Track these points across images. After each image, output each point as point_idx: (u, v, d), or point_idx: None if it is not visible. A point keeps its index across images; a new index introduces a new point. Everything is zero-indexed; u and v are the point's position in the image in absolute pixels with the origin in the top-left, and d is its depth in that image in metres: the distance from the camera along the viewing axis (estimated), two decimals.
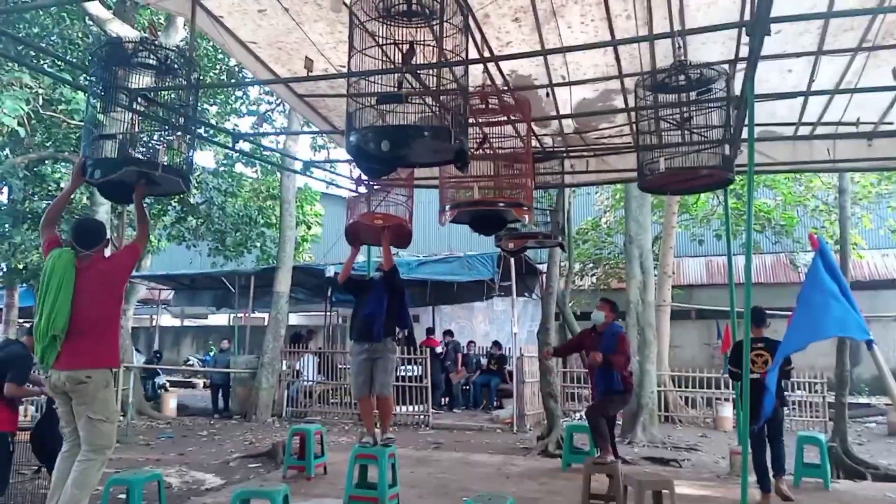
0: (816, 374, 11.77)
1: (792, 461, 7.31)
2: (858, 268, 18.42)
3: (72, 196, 4.90)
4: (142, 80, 4.35)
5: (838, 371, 9.35)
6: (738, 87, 4.80)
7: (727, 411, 11.84)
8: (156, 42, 4.38)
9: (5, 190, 14.63)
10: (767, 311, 6.53)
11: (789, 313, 4.92)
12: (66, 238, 4.21)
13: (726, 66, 4.78)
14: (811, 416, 11.61)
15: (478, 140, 4.89)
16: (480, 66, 5.08)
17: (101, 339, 4.00)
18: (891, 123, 6.09)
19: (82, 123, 11.93)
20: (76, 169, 4.24)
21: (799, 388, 11.85)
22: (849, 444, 9.04)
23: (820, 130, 6.42)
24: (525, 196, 4.87)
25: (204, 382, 18.35)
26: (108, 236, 4.34)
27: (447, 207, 4.77)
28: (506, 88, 5.46)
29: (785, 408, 6.97)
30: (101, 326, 3.99)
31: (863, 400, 15.28)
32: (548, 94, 5.89)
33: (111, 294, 4.12)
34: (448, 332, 15.40)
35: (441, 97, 3.77)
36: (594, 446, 6.62)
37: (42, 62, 12.11)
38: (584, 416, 6.95)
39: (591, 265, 19.16)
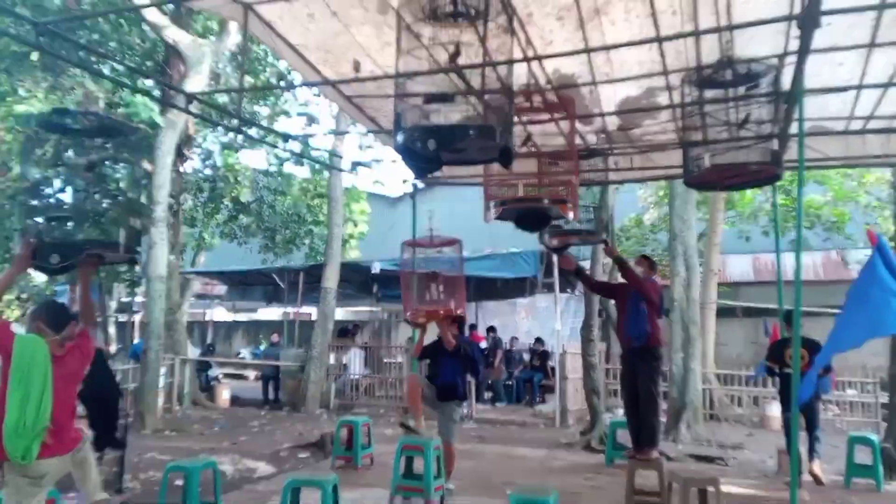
0: (868, 374, 11.46)
1: (843, 462, 7.20)
2: None
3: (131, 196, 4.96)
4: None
5: (892, 370, 9.09)
6: (787, 82, 4.75)
7: (774, 410, 11.61)
8: (90, 110, 4.29)
9: (69, 190, 15.24)
10: (817, 310, 6.47)
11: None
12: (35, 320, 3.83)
13: (775, 61, 4.73)
14: (863, 417, 11.33)
15: (522, 138, 4.96)
16: (524, 65, 5.14)
17: (71, 424, 3.83)
18: None
19: (140, 125, 12.43)
20: (25, 252, 3.86)
21: (850, 388, 11.57)
22: None
23: (873, 124, 6.27)
24: (569, 193, 4.92)
25: (255, 375, 18.83)
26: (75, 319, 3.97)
27: (492, 205, 4.85)
28: (550, 87, 5.51)
29: (820, 402, 6.99)
30: (71, 415, 3.85)
31: None
32: (591, 92, 5.90)
33: (78, 382, 3.97)
34: (491, 329, 15.45)
35: (486, 96, 3.85)
36: (638, 440, 6.33)
37: (102, 67, 12.59)
38: (631, 413, 6.55)
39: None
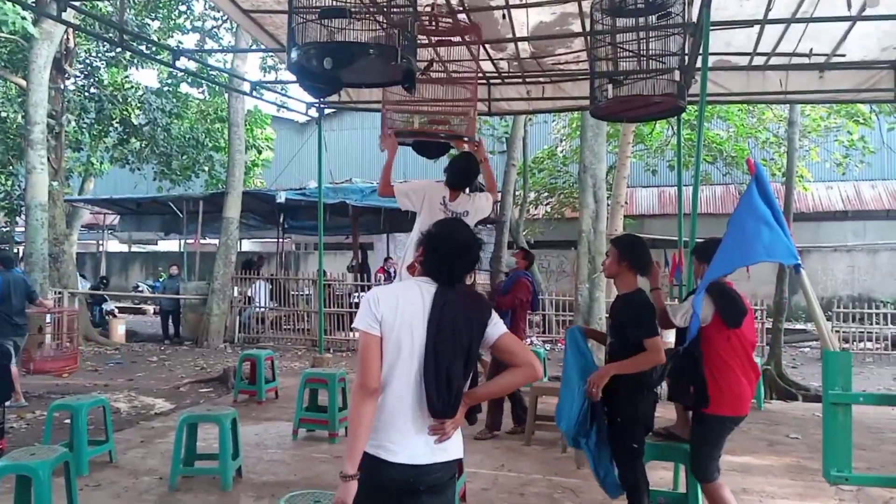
0: (757, 302, 12.20)
1: None
2: (803, 199, 18.95)
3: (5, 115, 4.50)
4: None
5: (777, 298, 9.71)
6: (695, 15, 4.71)
7: (671, 336, 12.22)
8: None
9: None
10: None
11: None
12: None
13: None
14: None
15: (424, 63, 4.71)
16: None
17: None
18: (843, 56, 6.11)
19: (11, 36, 11.21)
20: None
21: None
22: (783, 368, 9.50)
23: (774, 61, 6.40)
24: (468, 127, 4.72)
25: (154, 309, 18.14)
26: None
27: (388, 133, 4.62)
28: (461, 9, 5.26)
29: None
30: None
31: (799, 326, 15.99)
32: (504, 16, 5.69)
33: None
34: (389, 259, 15.34)
35: (389, 15, 3.59)
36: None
37: None
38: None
39: (546, 194, 19.23)
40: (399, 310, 2.15)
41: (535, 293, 6.44)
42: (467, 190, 4.24)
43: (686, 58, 4.63)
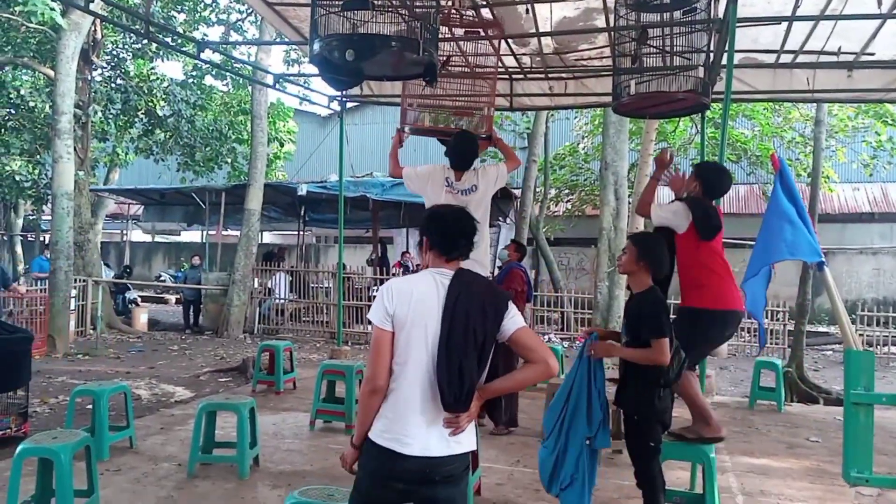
0: (779, 303, 12.06)
1: (749, 385, 7.59)
2: (828, 201, 18.65)
3: (33, 105, 4.59)
4: None
5: (799, 300, 9.57)
6: (722, 10, 4.66)
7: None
8: None
9: None
10: (739, 241, 6.58)
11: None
12: None
13: None
14: (771, 343, 11.98)
15: (443, 58, 4.72)
16: None
17: None
18: (872, 54, 6.00)
19: (40, 26, 11.38)
20: None
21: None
22: (804, 370, 9.36)
23: (801, 59, 6.31)
24: (485, 125, 4.72)
25: (176, 298, 18.35)
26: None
27: (406, 129, 4.65)
28: (484, 3, 5.24)
29: None
30: None
31: (822, 329, 15.77)
32: (527, 11, 5.67)
33: None
34: (406, 253, 15.37)
35: (412, 8, 3.59)
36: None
37: None
38: None
39: (567, 191, 19.13)
40: (413, 302, 2.16)
41: (529, 284, 6.49)
42: (478, 161, 4.37)
43: (711, 54, 4.58)
